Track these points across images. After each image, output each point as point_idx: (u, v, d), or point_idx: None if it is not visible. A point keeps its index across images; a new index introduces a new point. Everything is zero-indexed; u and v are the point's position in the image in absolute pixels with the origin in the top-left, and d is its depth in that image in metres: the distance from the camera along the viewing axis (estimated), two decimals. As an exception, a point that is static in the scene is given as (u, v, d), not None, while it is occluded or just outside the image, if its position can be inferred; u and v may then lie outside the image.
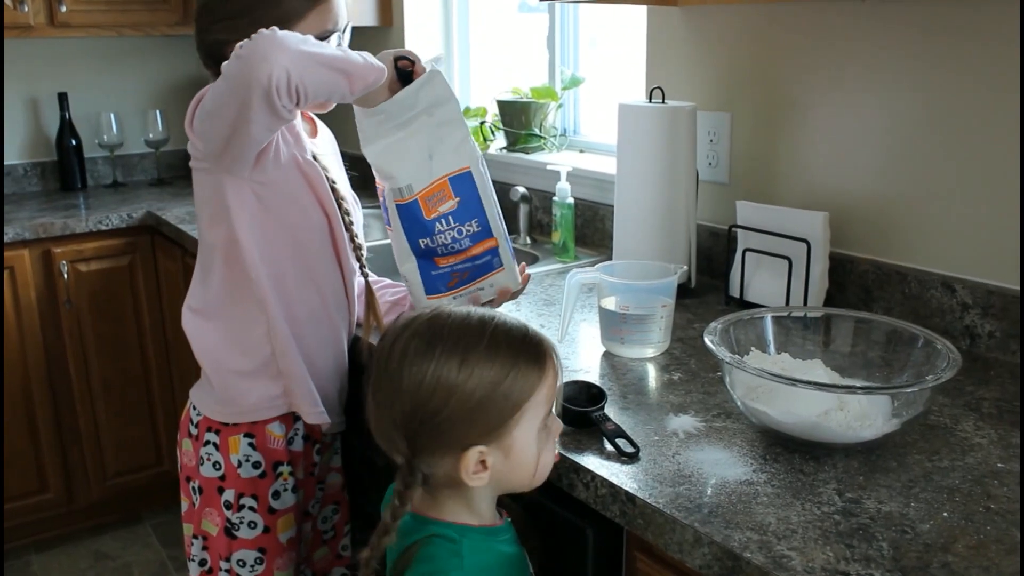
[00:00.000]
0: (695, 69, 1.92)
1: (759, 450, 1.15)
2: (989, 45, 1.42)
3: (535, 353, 1.00)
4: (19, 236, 2.63)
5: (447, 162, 1.39)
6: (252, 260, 1.33)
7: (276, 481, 1.39)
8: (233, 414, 1.38)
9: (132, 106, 3.37)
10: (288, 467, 1.40)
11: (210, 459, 1.39)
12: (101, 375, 2.87)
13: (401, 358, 0.98)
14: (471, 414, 0.96)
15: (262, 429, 1.38)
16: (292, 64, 1.14)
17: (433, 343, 0.97)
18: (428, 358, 0.96)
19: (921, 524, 0.97)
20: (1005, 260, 1.45)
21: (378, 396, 1.00)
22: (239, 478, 1.38)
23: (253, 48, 1.14)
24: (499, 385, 0.96)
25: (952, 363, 1.12)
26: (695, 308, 1.72)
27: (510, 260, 1.46)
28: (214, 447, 1.39)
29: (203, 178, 1.35)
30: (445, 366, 0.95)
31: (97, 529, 2.99)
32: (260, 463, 1.38)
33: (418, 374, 0.96)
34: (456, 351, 0.96)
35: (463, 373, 0.95)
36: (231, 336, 1.38)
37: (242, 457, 1.37)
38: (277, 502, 1.39)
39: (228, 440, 1.37)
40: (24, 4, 2.80)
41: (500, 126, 2.57)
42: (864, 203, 1.63)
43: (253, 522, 1.38)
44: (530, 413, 0.99)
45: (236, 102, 1.17)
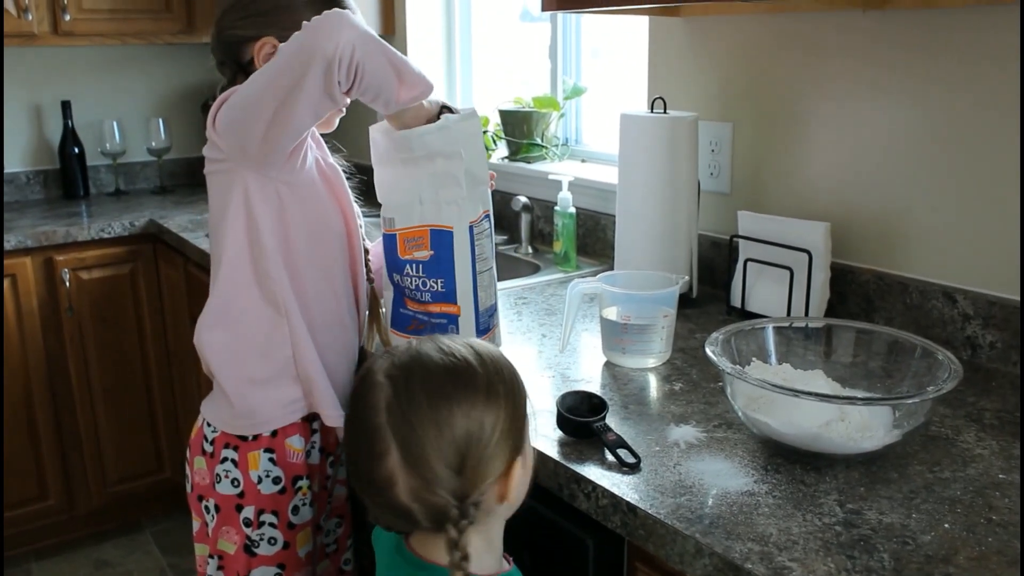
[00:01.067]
0: (697, 79, 1.92)
1: (760, 461, 1.15)
2: (990, 57, 1.42)
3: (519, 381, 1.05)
4: (21, 244, 2.64)
5: (433, 214, 1.40)
6: (274, 261, 1.32)
7: (296, 496, 1.37)
8: (252, 425, 1.35)
9: (135, 114, 3.38)
10: (307, 481, 1.38)
11: (228, 476, 1.36)
12: (102, 383, 2.87)
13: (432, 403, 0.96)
14: (511, 431, 0.98)
15: (282, 443, 1.36)
16: (360, 42, 1.15)
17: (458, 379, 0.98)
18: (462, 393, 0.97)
19: (922, 535, 0.97)
20: (1006, 271, 1.45)
21: (415, 450, 0.96)
22: (259, 494, 1.35)
23: (323, 20, 1.15)
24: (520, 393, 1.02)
25: (953, 374, 1.12)
26: (696, 318, 1.72)
27: (472, 334, 1.45)
28: (232, 464, 1.35)
29: (222, 180, 1.33)
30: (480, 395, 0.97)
31: (97, 536, 2.99)
32: (280, 478, 1.36)
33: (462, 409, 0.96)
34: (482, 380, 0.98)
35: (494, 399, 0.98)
36: (249, 342, 1.36)
37: (262, 473, 1.35)
38: (296, 517, 1.37)
39: (247, 456, 1.35)
40: (28, 12, 2.81)
41: (502, 135, 2.58)
42: (865, 213, 1.64)
43: (273, 538, 1.36)
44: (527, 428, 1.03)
45: (289, 79, 1.17)
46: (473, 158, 1.42)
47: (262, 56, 1.35)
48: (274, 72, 1.19)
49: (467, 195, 1.41)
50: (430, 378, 0.98)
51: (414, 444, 0.95)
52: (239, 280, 1.35)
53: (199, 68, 3.45)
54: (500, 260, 2.21)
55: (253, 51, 1.36)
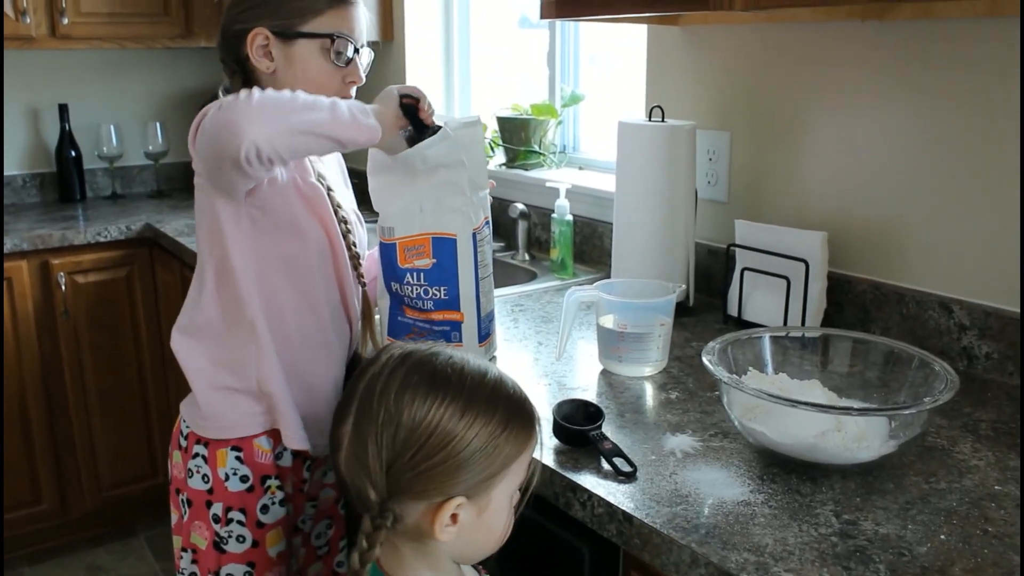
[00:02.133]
0: (695, 88, 1.93)
1: (756, 470, 1.14)
2: (988, 69, 1.43)
3: (528, 417, 0.99)
4: (17, 247, 2.63)
5: (436, 222, 1.40)
6: (245, 283, 1.32)
7: (264, 495, 1.38)
8: (217, 429, 1.36)
9: (132, 118, 3.38)
10: (276, 481, 1.38)
11: (199, 472, 1.37)
12: (97, 386, 2.86)
13: (400, 391, 0.94)
14: (462, 464, 0.92)
15: (249, 443, 1.36)
16: (266, 137, 1.15)
17: (437, 384, 0.94)
18: (431, 398, 0.93)
19: (918, 547, 0.97)
20: (1003, 282, 1.45)
21: (363, 425, 0.95)
22: (227, 492, 1.36)
23: (226, 116, 1.15)
24: (494, 440, 0.94)
25: (950, 385, 1.12)
26: (693, 327, 1.72)
27: (474, 341, 1.46)
28: (203, 460, 1.37)
29: (201, 196, 1.34)
30: (448, 410, 0.92)
31: (91, 541, 2.98)
32: (248, 477, 1.37)
33: (419, 412, 0.92)
34: (460, 398, 0.93)
35: (464, 422, 0.92)
36: (220, 357, 1.37)
37: (229, 471, 1.36)
38: (266, 516, 1.38)
39: (216, 453, 1.36)
40: (26, 15, 2.80)
41: (500, 142, 2.58)
42: (862, 223, 1.64)
43: (242, 536, 1.37)
44: (511, 475, 0.97)
45: (215, 156, 1.20)
46: (475, 165, 1.42)
47: (254, 48, 1.35)
48: (207, 138, 1.21)
49: (470, 202, 1.41)
50: (418, 369, 0.96)
51: (365, 420, 0.95)
52: (209, 296, 1.36)
53: (197, 72, 3.45)
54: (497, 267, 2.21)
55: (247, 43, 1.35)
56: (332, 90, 1.35)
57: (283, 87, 1.32)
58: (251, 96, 1.16)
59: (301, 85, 1.32)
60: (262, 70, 1.36)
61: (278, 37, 1.34)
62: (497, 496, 0.96)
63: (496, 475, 0.95)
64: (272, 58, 1.35)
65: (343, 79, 1.38)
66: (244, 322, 1.34)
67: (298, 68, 1.35)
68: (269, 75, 1.36)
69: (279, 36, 1.34)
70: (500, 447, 0.94)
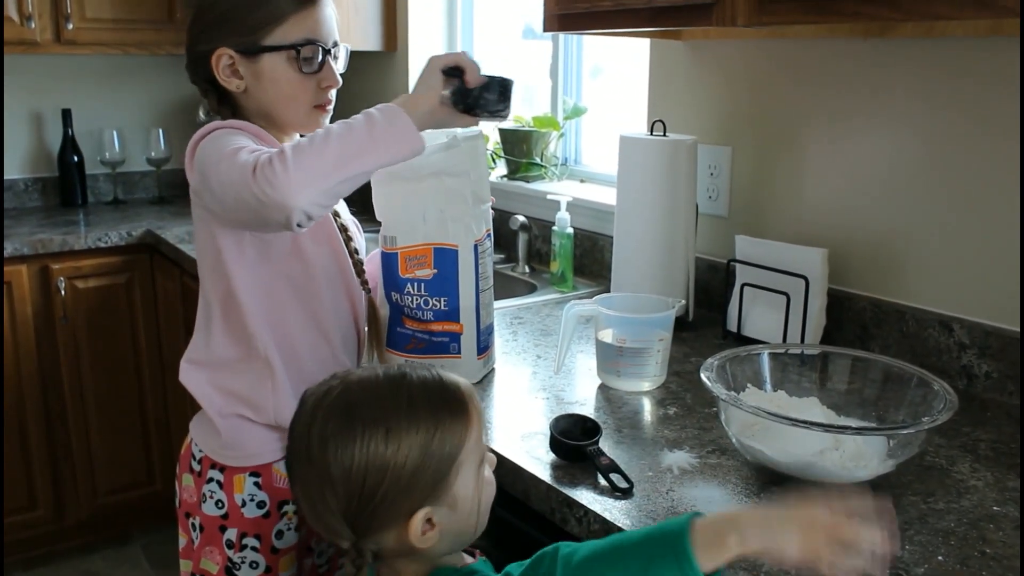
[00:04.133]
0: (697, 103, 1.93)
1: (754, 488, 1.14)
2: (989, 86, 1.43)
3: (455, 403, 0.96)
4: (17, 251, 2.63)
5: (438, 231, 1.40)
6: (253, 317, 1.29)
7: (280, 520, 1.35)
8: (236, 457, 1.33)
9: (135, 124, 3.38)
10: (293, 506, 1.35)
11: (212, 497, 1.34)
12: (95, 392, 2.86)
13: (322, 444, 0.92)
14: (409, 484, 0.91)
15: (268, 468, 1.33)
16: (313, 201, 1.11)
17: (352, 421, 0.92)
18: (351, 439, 0.91)
19: (916, 568, 0.96)
20: (1003, 301, 1.45)
21: (306, 488, 0.94)
22: (243, 518, 1.33)
23: (267, 193, 1.09)
24: (429, 446, 0.91)
25: (949, 405, 1.11)
26: (692, 342, 1.71)
27: (473, 353, 1.46)
28: (217, 485, 1.34)
29: (201, 228, 1.31)
30: (371, 443, 0.90)
31: (86, 548, 2.97)
32: (265, 503, 1.33)
33: (345, 458, 0.90)
34: (378, 424, 0.91)
35: (391, 446, 0.90)
36: (235, 389, 1.33)
37: (247, 496, 1.33)
38: (280, 541, 1.35)
39: (233, 479, 1.33)
40: (31, 20, 2.81)
41: (502, 154, 2.58)
42: (863, 241, 1.64)
43: (255, 562, 1.34)
44: (466, 462, 0.95)
45: (257, 221, 1.17)
46: (478, 177, 1.43)
47: (220, 68, 1.29)
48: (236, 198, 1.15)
49: (472, 213, 1.42)
50: (331, 414, 0.93)
51: (304, 482, 0.94)
52: (218, 330, 1.33)
53: (200, 79, 3.44)
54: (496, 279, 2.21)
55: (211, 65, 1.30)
56: (307, 99, 1.32)
57: (257, 103, 1.32)
58: (286, 163, 1.09)
59: (273, 99, 1.30)
60: (232, 90, 1.31)
61: (242, 55, 1.28)
62: (462, 485, 0.94)
63: (449, 472, 0.93)
64: (240, 76, 1.30)
65: (318, 84, 1.32)
66: (258, 358, 1.30)
67: (268, 83, 1.30)
68: (240, 93, 1.32)
69: (242, 54, 1.28)
70: (438, 449, 0.92)
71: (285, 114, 1.33)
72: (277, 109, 1.32)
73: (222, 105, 1.36)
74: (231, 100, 1.35)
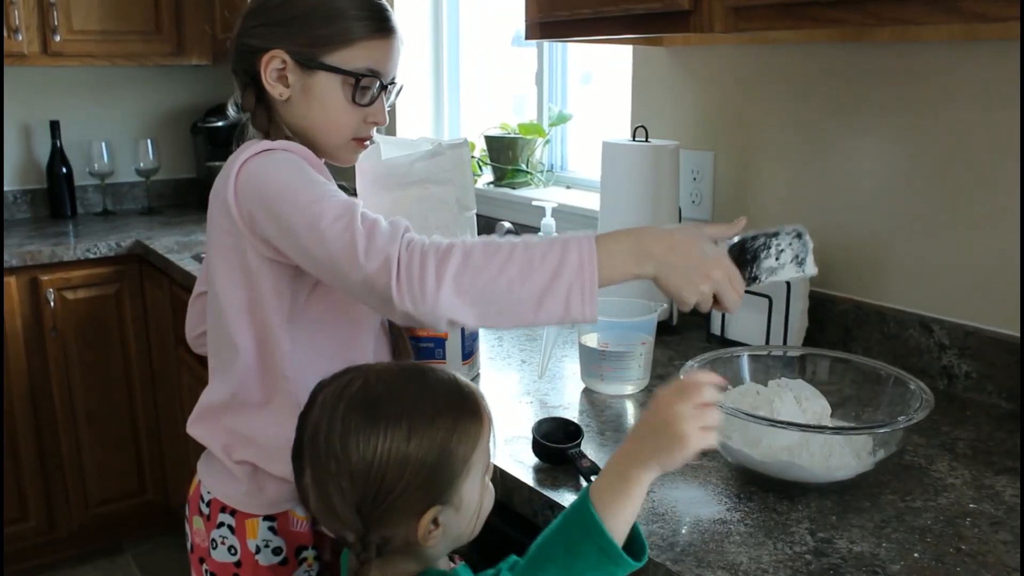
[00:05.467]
0: (680, 108, 1.94)
1: (734, 489, 1.15)
2: (966, 91, 1.44)
3: (472, 405, 0.97)
4: (6, 263, 2.64)
5: None
6: (288, 358, 1.19)
7: (299, 568, 1.24)
8: (251, 505, 1.23)
9: (123, 135, 3.39)
10: (313, 551, 1.25)
11: (224, 543, 1.24)
12: (85, 403, 2.86)
13: (344, 436, 0.92)
14: (425, 481, 0.92)
15: (285, 512, 1.24)
16: (469, 316, 1.02)
17: (374, 418, 0.92)
18: (375, 433, 0.91)
19: (892, 565, 0.98)
20: (982, 302, 1.46)
21: (319, 478, 0.94)
22: (257, 565, 1.22)
23: (412, 308, 1.00)
24: (447, 445, 0.92)
25: (925, 404, 1.13)
26: (676, 345, 1.73)
27: (458, 358, 1.47)
28: (229, 530, 1.23)
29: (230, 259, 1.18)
30: (394, 439, 0.91)
31: (78, 559, 2.97)
32: (281, 549, 1.23)
33: (367, 452, 0.91)
34: (401, 420, 0.91)
35: (412, 442, 0.91)
36: (252, 436, 1.22)
37: (261, 543, 1.22)
38: None
39: (245, 524, 1.22)
40: (19, 33, 2.82)
41: (487, 161, 2.59)
42: (845, 243, 1.65)
43: None
44: (476, 465, 0.96)
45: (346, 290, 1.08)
46: (463, 185, 1.44)
47: (268, 70, 1.19)
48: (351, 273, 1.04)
49: (456, 220, 1.43)
50: (353, 407, 0.93)
51: (320, 472, 0.94)
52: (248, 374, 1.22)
53: (188, 90, 3.46)
54: (484, 285, 2.22)
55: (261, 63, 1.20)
56: (350, 129, 1.23)
57: (295, 117, 1.22)
58: (443, 278, 0.99)
59: (316, 119, 1.21)
60: (275, 96, 1.21)
61: (297, 63, 1.18)
62: (469, 489, 0.96)
63: (461, 473, 0.94)
64: (287, 84, 1.19)
65: (364, 118, 1.23)
66: (286, 402, 1.19)
67: (315, 101, 1.20)
68: (281, 102, 1.21)
69: (298, 63, 1.18)
70: (455, 450, 0.93)
71: (323, 137, 1.23)
72: (316, 130, 1.23)
73: (259, 105, 1.24)
74: (267, 104, 1.24)
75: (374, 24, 1.20)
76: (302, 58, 1.18)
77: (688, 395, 0.89)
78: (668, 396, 0.90)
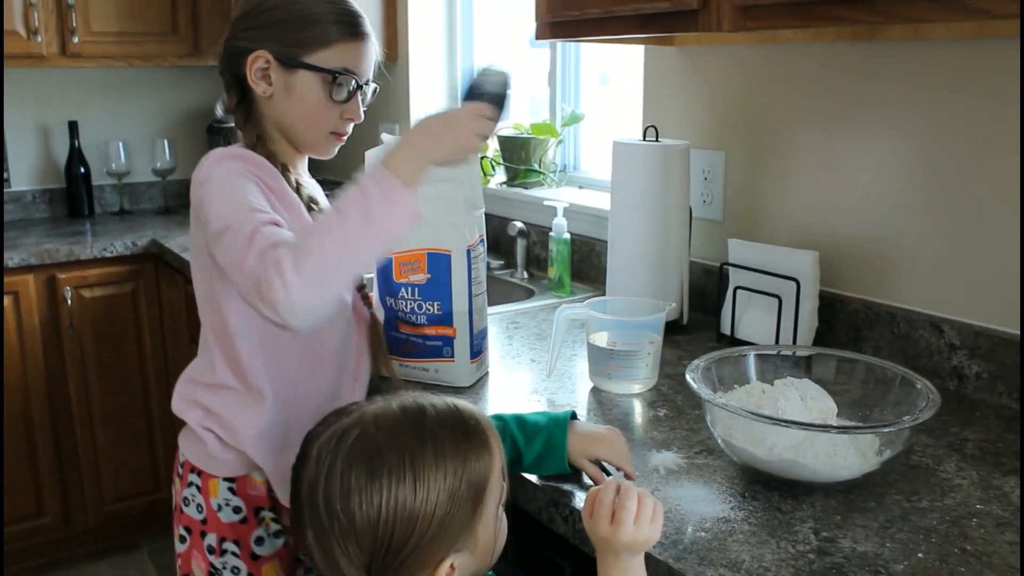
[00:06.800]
0: (691, 108, 1.94)
1: (739, 487, 1.15)
2: (976, 90, 1.44)
3: (479, 436, 0.93)
4: (24, 261, 2.66)
5: (432, 237, 1.43)
6: (246, 350, 1.30)
7: (259, 527, 1.35)
8: (211, 466, 1.35)
9: (141, 135, 3.42)
10: (271, 513, 1.36)
11: (193, 501, 1.36)
12: (101, 401, 2.89)
13: (345, 495, 0.87)
14: (437, 531, 0.88)
15: (243, 477, 1.35)
16: (321, 310, 1.09)
17: (376, 468, 0.87)
18: (377, 488, 0.87)
19: (895, 564, 0.97)
20: (993, 302, 1.45)
21: (323, 540, 0.89)
22: (220, 522, 1.34)
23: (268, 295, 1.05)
24: (457, 490, 0.89)
25: (931, 403, 1.12)
26: (686, 345, 1.73)
27: (466, 356, 1.47)
28: (196, 489, 1.36)
29: (197, 256, 1.32)
30: (398, 492, 0.86)
31: (94, 555, 3.00)
32: (240, 508, 1.34)
33: (371, 510, 0.86)
34: (404, 472, 0.87)
35: (420, 494, 0.87)
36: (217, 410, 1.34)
37: (222, 501, 1.34)
38: (261, 548, 1.35)
39: (208, 483, 1.35)
40: (38, 34, 2.85)
41: (500, 161, 2.60)
42: (855, 243, 1.64)
43: (236, 568, 1.34)
44: (490, 499, 0.93)
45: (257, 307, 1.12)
46: (472, 184, 1.45)
47: (253, 69, 1.29)
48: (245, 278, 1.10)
49: (465, 219, 1.44)
50: (351, 462, 0.89)
51: (323, 535, 0.89)
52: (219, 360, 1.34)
53: (205, 90, 3.49)
54: (495, 285, 2.24)
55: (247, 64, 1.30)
56: (328, 124, 1.33)
57: (277, 113, 1.32)
58: (284, 280, 1.04)
59: (296, 115, 1.31)
60: (259, 93, 1.31)
61: (280, 63, 1.29)
62: (483, 528, 0.93)
63: (474, 515, 0.91)
64: (270, 82, 1.30)
65: (341, 115, 1.33)
66: (251, 389, 1.32)
67: (296, 98, 1.30)
68: (265, 99, 1.32)
69: (281, 62, 1.29)
70: (466, 491, 0.90)
71: (302, 132, 1.34)
72: (296, 126, 1.33)
73: (239, 106, 1.36)
74: (249, 104, 1.35)
75: (348, 28, 1.31)
76: (284, 58, 1.29)
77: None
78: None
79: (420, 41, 2.95)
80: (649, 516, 0.92)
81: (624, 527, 0.91)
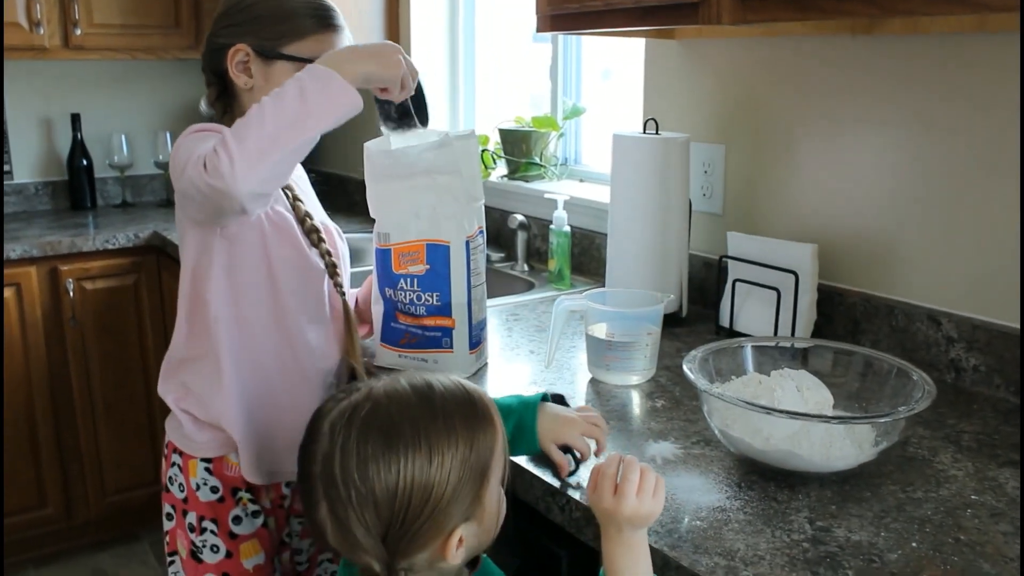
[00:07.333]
0: (692, 101, 1.94)
1: (735, 477, 1.16)
2: (976, 83, 1.44)
3: (484, 412, 0.96)
4: (27, 253, 2.67)
5: (431, 228, 1.44)
6: (217, 319, 1.35)
7: (236, 506, 1.41)
8: (189, 447, 1.41)
9: (143, 128, 3.43)
10: (248, 493, 1.41)
11: (176, 480, 1.42)
12: (103, 393, 2.90)
13: (363, 464, 0.89)
14: (451, 501, 0.90)
15: (219, 458, 1.40)
16: (260, 181, 1.15)
17: (391, 442, 0.90)
18: (393, 460, 0.89)
19: (889, 554, 0.98)
20: (990, 295, 1.46)
21: (338, 510, 0.91)
22: (199, 502, 1.40)
23: (214, 183, 1.13)
24: (468, 461, 0.92)
25: (927, 394, 1.13)
26: (685, 337, 1.73)
27: (465, 347, 1.48)
28: (178, 469, 1.42)
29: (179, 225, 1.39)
30: (415, 463, 0.89)
31: (95, 546, 3.01)
32: (218, 488, 1.40)
33: (389, 480, 0.89)
34: (419, 443, 0.90)
35: (435, 464, 0.89)
36: (189, 385, 1.41)
37: (200, 481, 1.40)
38: (239, 527, 1.40)
39: (188, 464, 1.41)
40: (40, 26, 2.86)
41: (501, 154, 2.60)
42: (854, 236, 1.65)
43: (215, 546, 1.40)
44: (495, 472, 0.96)
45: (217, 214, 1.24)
46: (470, 176, 1.46)
47: (234, 63, 1.37)
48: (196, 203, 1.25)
49: (464, 210, 1.44)
50: (367, 433, 0.91)
51: (339, 505, 0.91)
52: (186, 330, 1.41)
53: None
54: (495, 277, 2.24)
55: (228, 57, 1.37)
56: None
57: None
58: (229, 150, 1.13)
59: None
60: (240, 85, 1.38)
61: (258, 55, 1.36)
62: (489, 500, 0.96)
63: (482, 486, 0.94)
64: (251, 74, 1.37)
65: None
66: (210, 357, 1.37)
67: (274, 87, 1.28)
68: (246, 91, 1.39)
69: (259, 55, 1.36)
70: (475, 463, 0.93)
71: None
72: None
73: (219, 99, 1.45)
74: (230, 97, 1.43)
75: (323, 21, 1.38)
76: (263, 50, 1.36)
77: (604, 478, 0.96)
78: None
79: (422, 38, 2.95)
80: (651, 489, 0.94)
81: (626, 499, 0.93)
